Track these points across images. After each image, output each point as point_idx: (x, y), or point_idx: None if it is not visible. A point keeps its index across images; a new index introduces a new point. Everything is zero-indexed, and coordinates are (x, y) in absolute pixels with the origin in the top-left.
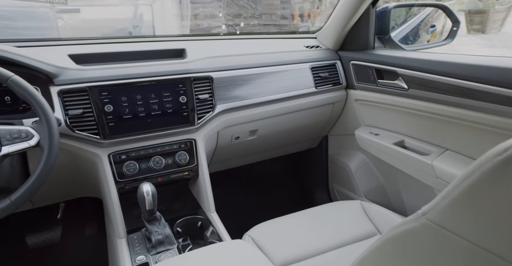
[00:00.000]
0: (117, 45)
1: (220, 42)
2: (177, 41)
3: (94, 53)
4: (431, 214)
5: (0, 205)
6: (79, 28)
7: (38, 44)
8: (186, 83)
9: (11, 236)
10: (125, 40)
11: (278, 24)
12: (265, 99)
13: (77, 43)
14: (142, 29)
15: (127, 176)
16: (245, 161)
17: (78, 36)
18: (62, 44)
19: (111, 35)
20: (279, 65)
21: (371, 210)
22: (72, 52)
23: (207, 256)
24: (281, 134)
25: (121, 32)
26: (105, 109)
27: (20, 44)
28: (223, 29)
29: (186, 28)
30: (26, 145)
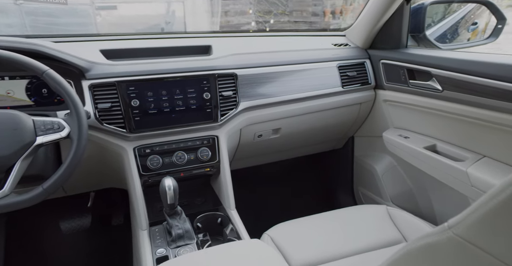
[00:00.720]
0: (147, 41)
1: (246, 39)
2: (204, 37)
3: (124, 49)
4: (459, 228)
5: (33, 192)
6: (115, 24)
7: (73, 39)
8: (210, 80)
9: (47, 221)
10: (154, 36)
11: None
12: (290, 98)
13: (109, 39)
14: (174, 26)
15: (151, 170)
16: (267, 159)
17: (115, 31)
18: (95, 39)
19: (145, 31)
20: (305, 63)
21: (398, 216)
22: (104, 47)
23: (223, 254)
24: (305, 133)
25: (154, 28)
26: (132, 103)
27: (57, 40)
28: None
29: (216, 24)
30: (57, 136)
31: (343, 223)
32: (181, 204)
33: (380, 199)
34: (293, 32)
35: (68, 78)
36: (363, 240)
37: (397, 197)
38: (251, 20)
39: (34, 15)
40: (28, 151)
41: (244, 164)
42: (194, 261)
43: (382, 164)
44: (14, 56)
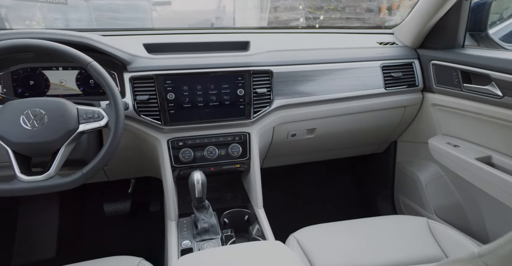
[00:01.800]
0: (188, 36)
1: (287, 36)
2: (245, 33)
3: (165, 43)
4: (490, 258)
5: (73, 176)
6: (169, 19)
7: (120, 33)
8: (245, 76)
9: (92, 204)
10: (196, 31)
11: (362, 18)
12: (327, 98)
13: (152, 33)
14: (224, 21)
15: (182, 162)
16: (301, 159)
17: (168, 26)
18: (140, 33)
19: (196, 25)
20: (345, 62)
21: (439, 231)
22: (147, 41)
23: (242, 253)
24: (342, 135)
25: (204, 23)
26: (167, 97)
27: (105, 33)
28: (301, 22)
29: (264, 20)
30: (97, 124)
31: (377, 232)
32: (211, 198)
33: (423, 210)
34: (338, 29)
35: (112, 70)
36: (397, 252)
37: (443, 209)
38: (300, 16)
39: (100, 11)
40: (71, 137)
41: (277, 162)
42: (212, 258)
43: (427, 172)
44: (62, 48)
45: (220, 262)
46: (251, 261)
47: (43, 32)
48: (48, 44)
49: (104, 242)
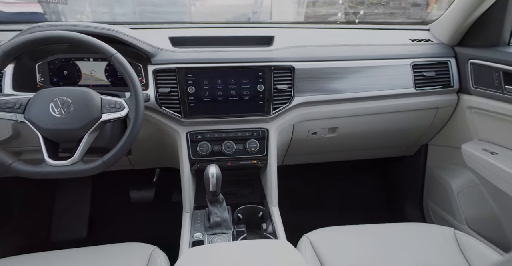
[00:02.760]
0: (215, 30)
1: (315, 31)
2: (272, 28)
3: (189, 37)
4: None
5: (95, 163)
6: (206, 13)
7: (148, 26)
8: (265, 72)
9: (121, 190)
10: (223, 26)
11: (407, 13)
12: (351, 96)
13: (179, 26)
14: (260, 15)
15: (200, 155)
16: (324, 158)
17: (206, 20)
18: (167, 27)
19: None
20: (372, 59)
21: (467, 243)
22: (173, 35)
23: (247, 251)
24: (367, 136)
25: (241, 17)
26: (188, 90)
27: (134, 27)
28: (339, 17)
29: (301, 15)
30: (118, 114)
31: (398, 239)
32: (228, 192)
33: (453, 219)
34: (369, 25)
35: (138, 63)
36: (416, 262)
37: (476, 221)
38: (339, 11)
39: (143, 5)
40: (94, 126)
41: (298, 160)
42: (216, 253)
43: (460, 180)
44: (88, 39)
45: (223, 258)
46: (254, 260)
47: (75, 25)
48: (75, 36)
49: (127, 227)
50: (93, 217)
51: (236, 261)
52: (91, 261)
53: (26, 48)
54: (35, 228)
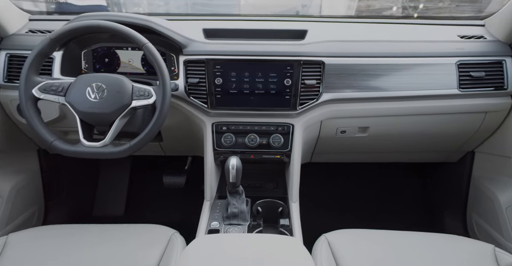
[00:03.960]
0: (250, 23)
1: (354, 26)
2: (309, 22)
3: (222, 29)
4: None
5: (123, 147)
6: (255, 6)
7: (185, 18)
8: (294, 66)
9: (155, 174)
10: (258, 18)
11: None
12: (384, 95)
13: (215, 18)
14: (310, 9)
15: (224, 146)
16: (354, 158)
17: (254, 13)
18: (203, 19)
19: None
20: (411, 57)
21: (508, 264)
22: (207, 26)
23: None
24: (402, 138)
25: (290, 11)
26: (215, 81)
27: (170, 18)
28: (394, 11)
29: (352, 9)
30: (146, 102)
31: (427, 250)
32: (252, 185)
33: (500, 236)
34: (416, 19)
35: (172, 53)
36: None
37: None
38: (394, 5)
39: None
40: (124, 112)
41: (327, 158)
42: (224, 243)
43: (510, 193)
44: (122, 28)
45: (229, 248)
46: (259, 254)
47: (116, 15)
48: (110, 25)
49: (157, 209)
50: (130, 197)
51: (241, 253)
52: (117, 237)
53: (69, 36)
54: (81, 202)
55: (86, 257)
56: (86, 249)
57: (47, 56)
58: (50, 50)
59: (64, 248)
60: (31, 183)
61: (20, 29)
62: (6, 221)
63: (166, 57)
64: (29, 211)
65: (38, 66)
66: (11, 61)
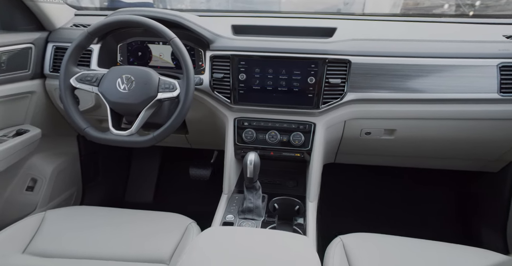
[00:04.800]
0: (280, 20)
1: (389, 24)
2: (342, 19)
3: (251, 25)
4: None
5: (146, 137)
6: (295, 3)
7: (215, 14)
8: (318, 64)
9: (182, 165)
10: (289, 15)
11: None
12: (414, 97)
13: (245, 15)
14: (352, 6)
15: (244, 142)
16: (380, 161)
17: (295, 10)
18: (234, 15)
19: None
20: (444, 57)
21: None
22: (236, 23)
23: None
24: (433, 143)
25: (332, 8)
26: (239, 77)
27: (201, 14)
28: (446, 9)
29: (397, 7)
30: (170, 94)
31: (450, 263)
32: (273, 181)
33: None
34: (456, 18)
35: (200, 48)
36: None
37: None
38: (446, 2)
39: None
40: (150, 103)
41: (353, 159)
42: (232, 235)
43: None
44: (150, 23)
45: (236, 241)
46: (265, 250)
47: (148, 10)
48: (140, 19)
49: (181, 199)
50: (158, 185)
51: (247, 246)
52: (140, 222)
53: (104, 30)
54: (114, 187)
55: (111, 236)
56: (111, 230)
57: (84, 48)
58: (87, 43)
59: (92, 227)
60: (70, 166)
61: (66, 23)
62: (48, 199)
63: (194, 52)
64: (68, 192)
65: (76, 57)
66: (56, 52)
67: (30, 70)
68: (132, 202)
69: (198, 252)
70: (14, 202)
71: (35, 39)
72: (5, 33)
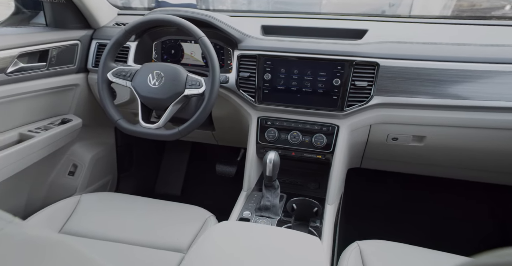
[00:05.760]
0: (312, 21)
1: (427, 27)
2: (376, 21)
3: (280, 26)
4: None
5: (172, 131)
6: (337, 4)
7: (246, 14)
8: (345, 66)
9: (210, 161)
10: (323, 17)
11: None
12: (446, 103)
13: (277, 16)
14: (398, 8)
15: (266, 141)
16: (410, 169)
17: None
18: (266, 16)
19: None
20: (482, 62)
21: None
22: (266, 23)
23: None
24: (469, 154)
25: (375, 10)
26: (264, 77)
27: (232, 14)
28: (507, 11)
29: (448, 8)
30: (196, 91)
31: None
32: (295, 182)
33: None
34: (506, 20)
35: (229, 47)
36: None
37: None
38: (508, 3)
39: None
40: (177, 99)
41: (379, 165)
42: (244, 231)
43: None
44: (180, 21)
45: (246, 237)
46: (273, 247)
47: (180, 10)
48: (171, 18)
49: (207, 194)
50: (186, 179)
51: (257, 241)
52: (164, 212)
53: (140, 28)
54: (146, 178)
55: (135, 223)
56: (137, 217)
57: (121, 45)
58: (124, 40)
59: (120, 213)
60: (107, 155)
61: (109, 22)
62: (86, 184)
63: (224, 51)
64: (104, 179)
65: (114, 53)
66: (99, 49)
67: (76, 65)
68: (161, 193)
69: (210, 243)
70: (57, 185)
71: (81, 36)
72: (56, 31)
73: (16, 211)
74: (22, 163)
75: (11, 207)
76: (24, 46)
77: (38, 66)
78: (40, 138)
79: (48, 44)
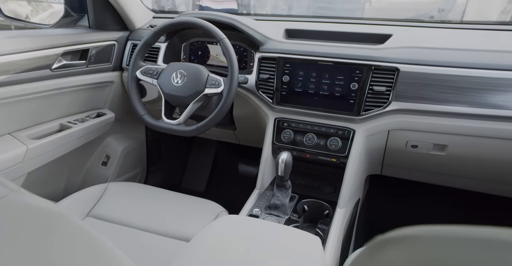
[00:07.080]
0: (335, 25)
1: (464, 32)
2: (401, 26)
3: (302, 29)
4: None
5: (190, 127)
6: (380, 10)
7: (271, 18)
8: (363, 71)
9: (234, 161)
10: (350, 21)
11: None
12: (469, 112)
13: (300, 20)
14: (449, 13)
15: (282, 142)
16: (430, 179)
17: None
18: (292, 20)
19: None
20: (501, 70)
21: None
22: (289, 27)
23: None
24: (496, 166)
25: (422, 16)
26: (282, 79)
27: (258, 18)
28: None
29: (508, 13)
30: (215, 90)
31: None
32: (310, 185)
33: None
34: None
35: (252, 49)
36: None
37: None
38: None
39: (318, 3)
40: (197, 97)
41: (399, 174)
42: (245, 225)
43: None
44: (203, 24)
45: (247, 231)
46: (271, 242)
47: (206, 13)
48: (194, 20)
49: (227, 191)
50: (211, 177)
51: (256, 236)
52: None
53: (167, 30)
54: (173, 173)
55: (154, 212)
56: (155, 206)
57: (150, 45)
58: (152, 41)
59: (142, 202)
60: (137, 149)
61: (144, 24)
62: (117, 175)
63: (247, 53)
64: (134, 171)
65: (143, 53)
66: (133, 49)
67: (112, 63)
68: (187, 189)
69: (211, 233)
70: (92, 173)
71: (118, 37)
72: (96, 32)
73: (56, 192)
74: (62, 149)
75: (53, 188)
76: (67, 46)
77: (79, 63)
78: (77, 128)
79: (89, 44)
